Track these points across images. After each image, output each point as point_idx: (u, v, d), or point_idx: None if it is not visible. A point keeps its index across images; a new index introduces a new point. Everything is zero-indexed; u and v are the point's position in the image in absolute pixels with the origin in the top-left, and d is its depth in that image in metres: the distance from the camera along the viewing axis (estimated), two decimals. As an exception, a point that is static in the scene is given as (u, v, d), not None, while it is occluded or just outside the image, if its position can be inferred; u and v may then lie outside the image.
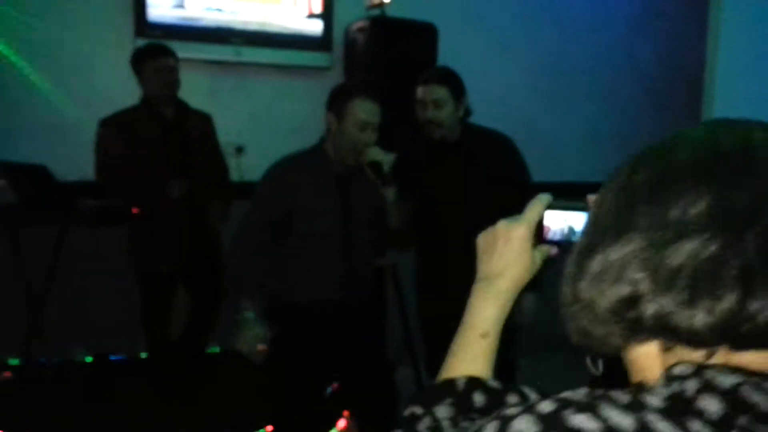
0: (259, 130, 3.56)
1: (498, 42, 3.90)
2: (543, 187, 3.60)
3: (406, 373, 3.04)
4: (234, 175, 3.40)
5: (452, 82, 2.40)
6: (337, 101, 2.18)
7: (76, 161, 3.02)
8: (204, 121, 3.02)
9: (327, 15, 3.47)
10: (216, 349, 3.40)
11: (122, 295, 3.12)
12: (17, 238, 2.90)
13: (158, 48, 2.81)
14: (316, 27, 3.47)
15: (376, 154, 2.23)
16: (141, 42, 3.18)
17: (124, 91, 3.13)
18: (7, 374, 3.06)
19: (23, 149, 3.03)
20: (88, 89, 3.18)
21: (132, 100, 2.90)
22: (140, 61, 2.77)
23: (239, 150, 3.52)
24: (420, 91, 2.40)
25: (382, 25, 3.22)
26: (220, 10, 3.32)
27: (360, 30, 3.26)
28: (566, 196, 0.85)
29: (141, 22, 3.18)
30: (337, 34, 3.50)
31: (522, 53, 3.99)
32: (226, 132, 3.42)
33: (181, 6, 3.26)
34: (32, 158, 2.80)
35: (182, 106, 2.92)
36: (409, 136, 3.31)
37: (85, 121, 3.00)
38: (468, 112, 2.48)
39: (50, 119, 3.15)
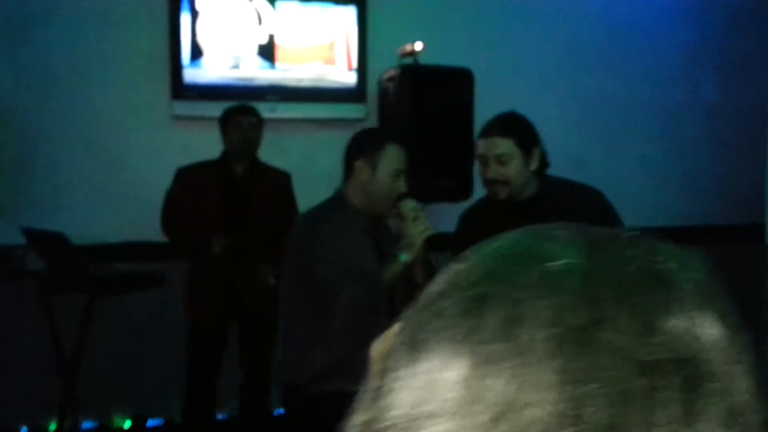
0: (295, 185, 3.52)
1: (540, 84, 3.73)
2: None
3: None
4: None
5: (518, 131, 2.06)
6: (369, 148, 2.05)
7: (116, 223, 3.06)
8: (278, 178, 3.08)
9: (361, 66, 3.44)
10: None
11: (157, 358, 3.09)
12: (50, 304, 2.93)
13: (238, 108, 2.97)
14: (350, 79, 3.44)
15: (413, 209, 2.10)
16: (178, 104, 3.25)
17: (160, 154, 3.18)
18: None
19: (59, 213, 3.10)
20: (126, 153, 3.24)
21: (171, 161, 2.97)
22: (223, 118, 2.95)
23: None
24: (480, 146, 2.08)
25: (412, 73, 3.14)
26: (254, 68, 3.34)
27: (390, 79, 3.20)
28: None
29: (177, 85, 3.24)
30: (372, 85, 3.45)
31: (568, 94, 3.80)
32: (264, 188, 3.41)
33: (216, 67, 3.30)
34: (67, 221, 2.86)
35: (255, 164, 3.00)
36: (444, 186, 3.18)
37: (124, 183, 3.05)
38: (545, 164, 2.11)
39: (88, 183, 3.22)
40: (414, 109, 3.11)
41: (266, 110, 3.37)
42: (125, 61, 3.22)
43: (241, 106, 3.00)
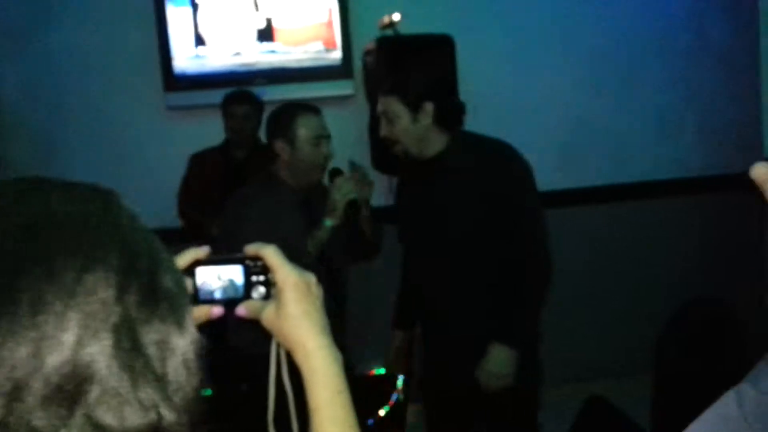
0: (292, 165, 3.62)
1: (531, 43, 3.64)
2: (610, 190, 3.26)
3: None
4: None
5: (403, 88, 2.05)
6: (281, 127, 2.14)
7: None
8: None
9: (345, 43, 3.47)
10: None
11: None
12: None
13: (231, 95, 3.13)
14: (335, 56, 3.48)
15: (342, 178, 2.17)
16: (170, 95, 3.40)
17: (156, 146, 3.35)
18: None
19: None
20: (126, 145, 3.43)
21: (168, 151, 3.15)
22: (221, 106, 3.13)
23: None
24: (377, 109, 2.15)
25: (389, 44, 3.15)
26: (239, 54, 3.45)
27: (368, 53, 3.22)
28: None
29: (168, 77, 3.39)
30: (357, 61, 3.49)
31: (565, 50, 3.68)
32: (261, 169, 3.54)
33: (202, 56, 3.42)
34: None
35: (257, 147, 3.11)
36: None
37: (120, 175, 3.25)
38: (451, 119, 2.09)
39: (93, 175, 3.43)
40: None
41: (256, 94, 3.48)
42: (122, 57, 3.40)
43: (235, 94, 3.13)
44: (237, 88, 3.21)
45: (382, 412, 3.18)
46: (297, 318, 0.73)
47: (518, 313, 2.06)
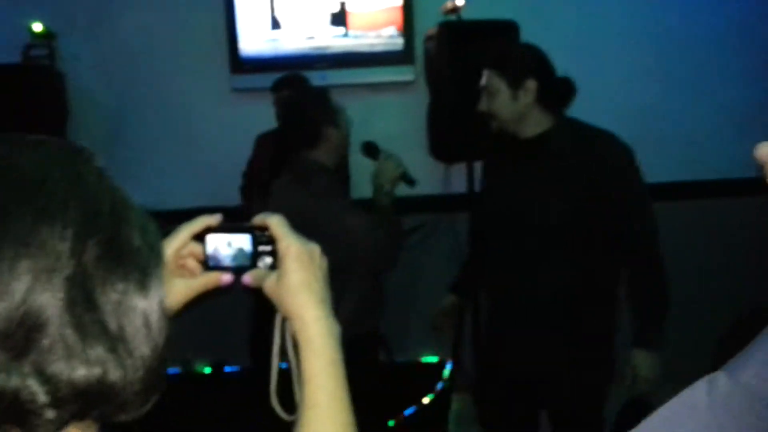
0: (350, 149, 3.64)
1: (595, 26, 3.51)
2: (678, 187, 3.13)
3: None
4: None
5: (506, 63, 1.98)
6: (328, 112, 2.18)
7: (191, 190, 3.39)
8: None
9: (407, 28, 3.46)
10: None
11: (234, 309, 3.40)
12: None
13: (278, 80, 3.17)
14: (398, 41, 3.48)
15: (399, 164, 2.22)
16: (236, 78, 3.49)
17: (221, 127, 3.45)
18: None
19: (139, 182, 3.48)
20: (187, 127, 3.54)
21: (229, 133, 3.23)
22: (273, 89, 3.19)
23: (332, 170, 3.64)
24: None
25: (451, 29, 3.11)
26: (304, 37, 3.49)
27: (430, 38, 3.19)
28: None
29: (234, 59, 3.47)
30: (419, 46, 3.47)
31: (635, 37, 3.53)
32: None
33: (268, 40, 3.49)
34: (146, 189, 3.22)
35: None
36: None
37: (186, 155, 3.36)
38: (556, 100, 2.00)
39: (163, 154, 3.57)
40: (454, 67, 3.08)
41: (317, 78, 3.52)
42: (190, 40, 3.51)
43: (278, 80, 3.17)
44: (285, 73, 3.22)
45: (426, 400, 3.19)
46: (296, 288, 0.74)
47: (654, 314, 2.01)
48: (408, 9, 3.44)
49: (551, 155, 1.97)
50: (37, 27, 3.42)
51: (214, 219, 0.79)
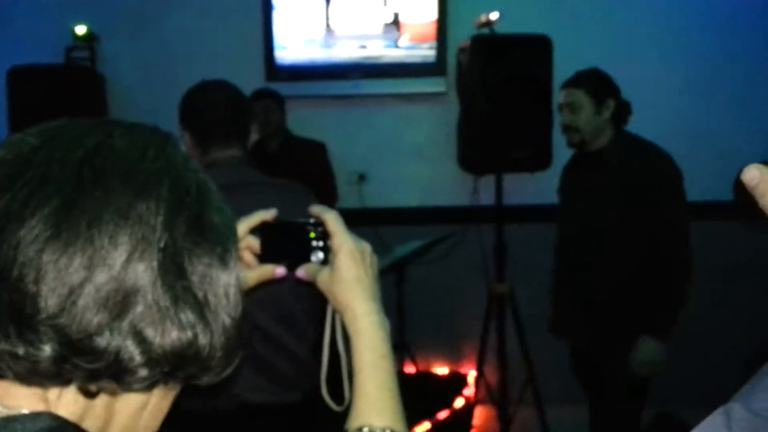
0: (380, 158, 3.68)
1: (631, 41, 3.50)
2: (713, 207, 3.24)
3: (530, 414, 2.84)
4: (356, 202, 3.57)
5: (590, 82, 2.36)
6: None
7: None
8: (313, 149, 3.29)
9: (440, 39, 3.49)
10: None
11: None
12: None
13: (255, 92, 3.20)
14: (430, 53, 3.51)
15: None
16: (271, 85, 3.55)
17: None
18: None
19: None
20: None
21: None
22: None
23: (361, 177, 3.67)
24: (560, 96, 2.47)
25: (483, 42, 3.13)
26: (336, 47, 3.54)
27: (462, 51, 3.22)
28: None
29: (270, 67, 3.53)
30: (452, 58, 3.49)
31: (672, 49, 3.51)
32: (350, 161, 3.61)
33: (304, 48, 3.55)
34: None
35: (288, 138, 3.23)
36: (522, 157, 3.16)
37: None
38: (623, 117, 2.41)
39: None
40: (486, 79, 3.10)
41: (349, 88, 3.57)
42: (228, 46, 3.58)
43: (254, 92, 3.19)
44: (258, 88, 3.30)
45: (447, 412, 3.18)
46: (349, 282, 0.76)
47: (666, 307, 2.24)
48: (442, 21, 3.47)
49: (606, 166, 2.33)
50: (81, 30, 3.52)
51: (269, 214, 0.81)
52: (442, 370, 3.61)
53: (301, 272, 0.81)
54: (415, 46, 3.53)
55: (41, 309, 0.45)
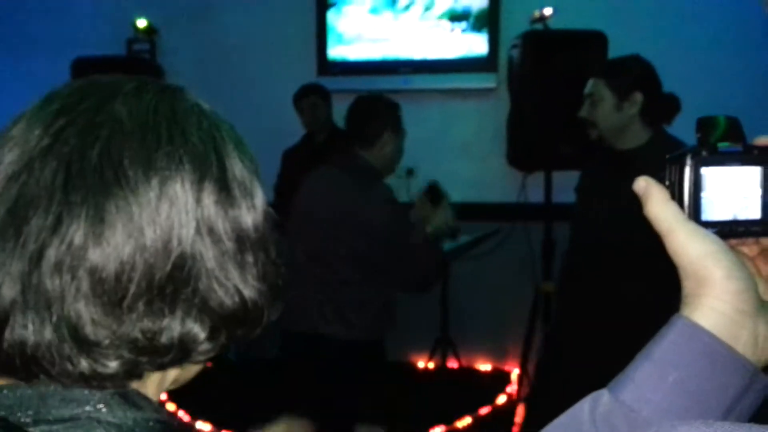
0: (429, 153, 3.68)
1: (689, 39, 3.41)
2: None
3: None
4: (404, 197, 3.58)
5: (615, 73, 2.02)
6: (391, 117, 2.16)
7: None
8: None
9: (493, 35, 3.47)
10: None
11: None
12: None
13: (303, 88, 3.31)
14: (481, 49, 3.49)
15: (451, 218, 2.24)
16: (323, 80, 3.60)
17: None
18: (208, 364, 3.64)
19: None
20: (276, 124, 3.67)
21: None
22: (294, 100, 3.36)
23: (410, 172, 3.68)
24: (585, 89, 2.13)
25: (536, 38, 3.10)
26: (387, 40, 3.57)
27: (515, 46, 3.19)
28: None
29: (322, 62, 3.58)
30: (504, 54, 3.47)
31: (735, 47, 3.40)
32: (398, 156, 3.63)
33: (355, 43, 3.58)
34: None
35: (334, 131, 3.27)
36: (573, 154, 3.11)
37: (275, 150, 3.49)
38: (660, 116, 2.02)
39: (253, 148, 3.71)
40: (538, 75, 3.07)
41: (400, 82, 3.58)
42: (281, 42, 3.65)
43: (302, 88, 3.31)
44: (307, 83, 3.37)
45: (500, 401, 3.18)
46: None
47: None
48: (494, 16, 3.45)
49: (644, 167, 1.93)
50: (141, 23, 3.64)
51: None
52: (485, 366, 3.61)
53: None
54: (466, 41, 3.52)
55: (100, 327, 0.46)
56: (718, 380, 0.46)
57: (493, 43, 3.48)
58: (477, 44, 3.52)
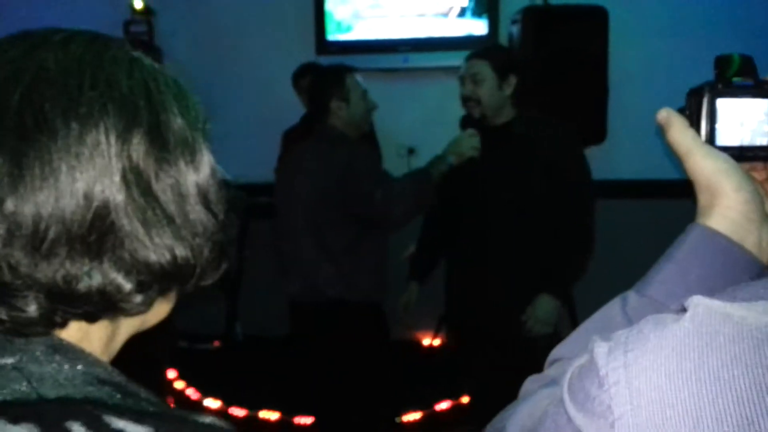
0: (429, 132, 3.66)
1: (690, 14, 3.38)
2: None
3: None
4: (404, 176, 3.58)
5: (495, 57, 2.27)
6: (333, 88, 2.32)
7: (262, 165, 3.51)
8: None
9: (492, 13, 3.45)
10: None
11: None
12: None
13: (302, 68, 3.29)
14: (481, 27, 3.47)
15: (476, 145, 2.29)
16: (322, 60, 3.58)
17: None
18: (216, 343, 3.68)
19: (225, 154, 3.62)
20: (273, 104, 3.66)
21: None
22: (293, 80, 3.34)
23: (411, 151, 3.68)
24: (461, 70, 2.33)
25: (536, 14, 3.08)
26: (385, 20, 3.54)
27: (514, 22, 3.17)
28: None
29: (320, 42, 3.56)
30: (504, 30, 3.45)
31: (733, 25, 3.38)
32: (399, 135, 3.62)
33: (353, 23, 3.56)
34: (231, 161, 3.35)
35: None
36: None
37: (274, 131, 3.48)
38: (522, 98, 2.31)
39: (241, 131, 3.69)
40: (538, 52, 3.06)
41: (399, 61, 3.57)
42: (279, 22, 3.63)
43: (301, 67, 3.29)
44: (305, 62, 3.35)
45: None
46: None
47: (565, 271, 2.27)
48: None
49: (514, 140, 2.26)
50: (138, 4, 3.61)
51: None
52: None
53: None
54: (465, 18, 3.49)
55: (14, 268, 0.45)
56: (732, 276, 0.53)
57: (493, 20, 3.45)
58: (477, 24, 3.49)
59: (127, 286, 0.48)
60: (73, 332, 0.50)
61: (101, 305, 0.48)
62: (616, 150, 3.29)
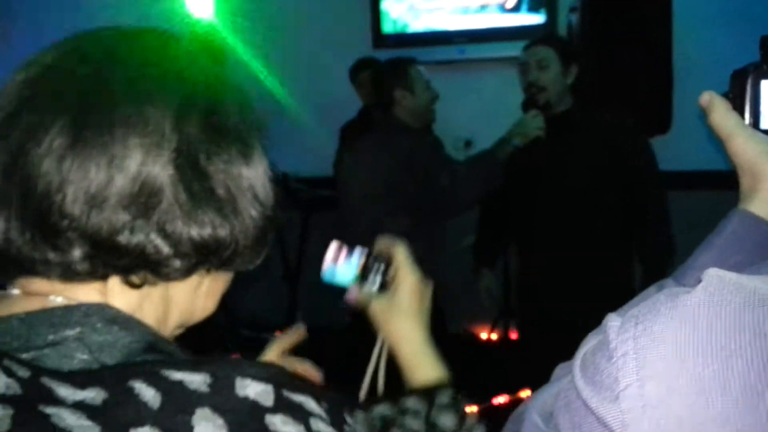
0: (486, 124, 3.64)
1: (760, 0, 3.24)
2: None
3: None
4: (462, 168, 3.58)
5: (560, 44, 2.30)
6: (397, 78, 2.36)
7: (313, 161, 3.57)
8: None
9: (550, 3, 3.39)
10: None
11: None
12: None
13: (359, 62, 3.32)
14: (538, 16, 3.42)
15: (540, 126, 2.29)
16: (378, 52, 3.60)
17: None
18: (278, 333, 3.77)
19: (281, 150, 3.70)
20: (330, 96, 3.70)
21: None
22: (350, 75, 3.39)
23: (468, 144, 3.67)
24: (522, 55, 2.32)
25: (596, 2, 3.01)
26: (441, 12, 3.54)
27: (573, 10, 3.11)
28: None
29: (377, 35, 3.59)
30: (562, 19, 3.39)
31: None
32: (456, 127, 3.61)
33: (410, 15, 3.57)
34: (287, 157, 3.42)
35: None
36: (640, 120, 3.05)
37: (329, 124, 3.53)
38: (580, 87, 2.29)
39: (298, 124, 3.75)
40: (598, 40, 2.99)
41: (455, 52, 3.56)
42: (335, 16, 3.67)
43: (358, 62, 3.31)
44: (362, 57, 3.36)
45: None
46: (407, 314, 0.81)
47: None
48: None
49: (576, 128, 2.25)
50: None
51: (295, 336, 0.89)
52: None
53: (352, 296, 0.83)
54: (522, 8, 3.45)
55: (67, 215, 0.49)
56: None
57: (552, 8, 3.40)
58: (533, 14, 3.45)
59: (165, 249, 0.51)
60: (127, 306, 0.53)
61: (140, 261, 0.51)
62: (680, 140, 3.20)
